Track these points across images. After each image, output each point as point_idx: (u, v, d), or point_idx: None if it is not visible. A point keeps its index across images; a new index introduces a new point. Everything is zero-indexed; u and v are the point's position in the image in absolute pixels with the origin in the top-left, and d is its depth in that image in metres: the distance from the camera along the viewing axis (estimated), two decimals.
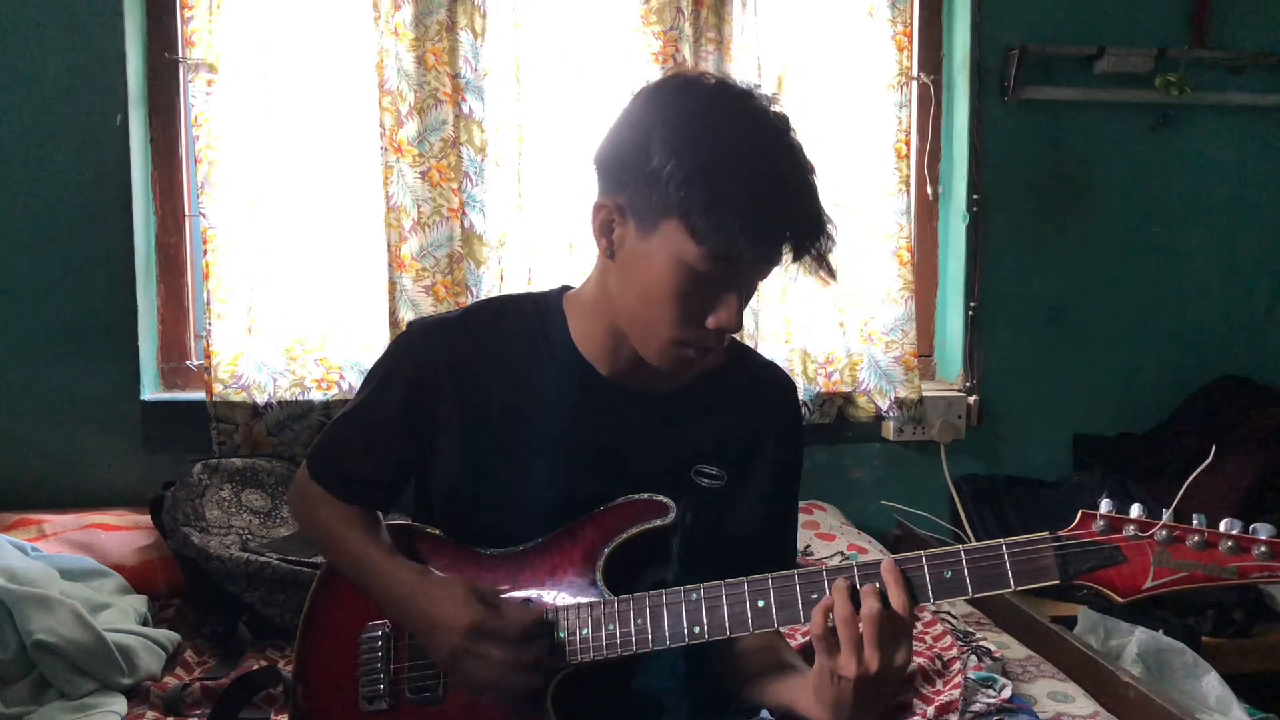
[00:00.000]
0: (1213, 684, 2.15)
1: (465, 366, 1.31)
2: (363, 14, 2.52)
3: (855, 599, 1.09)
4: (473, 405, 1.31)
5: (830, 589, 1.11)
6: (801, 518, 1.78)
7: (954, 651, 1.94)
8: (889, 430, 2.85)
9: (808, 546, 2.46)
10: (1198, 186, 2.99)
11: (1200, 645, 2.31)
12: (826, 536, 2.53)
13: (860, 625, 1.08)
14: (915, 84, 2.85)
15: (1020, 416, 2.95)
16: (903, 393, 2.78)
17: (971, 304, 2.87)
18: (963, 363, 2.90)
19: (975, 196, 2.84)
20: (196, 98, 2.46)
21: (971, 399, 2.88)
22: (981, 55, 2.82)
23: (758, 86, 1.20)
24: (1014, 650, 2.05)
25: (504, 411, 1.31)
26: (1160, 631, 2.23)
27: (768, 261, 1.17)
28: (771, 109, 1.18)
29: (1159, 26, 2.89)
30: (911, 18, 2.81)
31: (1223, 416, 2.85)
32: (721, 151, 1.12)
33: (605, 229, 1.22)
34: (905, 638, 1.10)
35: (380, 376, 1.36)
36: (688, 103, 1.16)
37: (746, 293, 1.20)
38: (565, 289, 1.39)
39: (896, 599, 1.09)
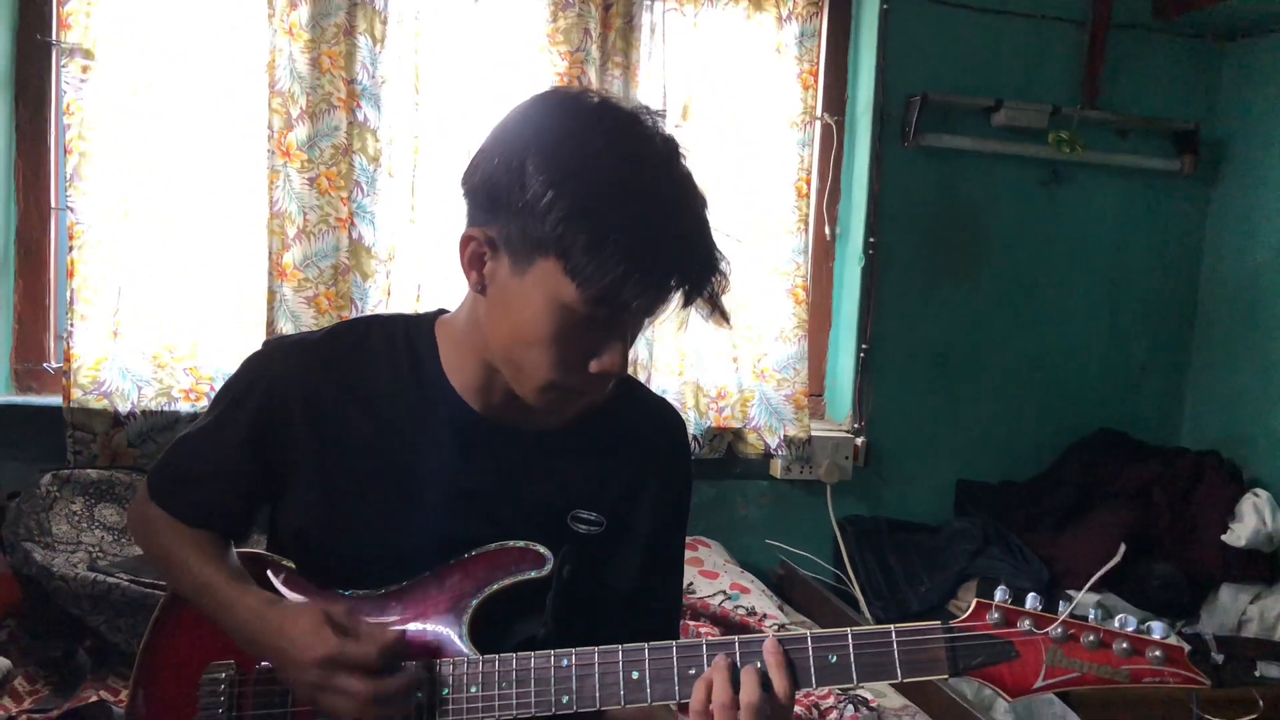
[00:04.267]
0: None
1: (323, 394, 1.19)
2: (256, 10, 2.42)
3: (735, 679, 1.04)
4: (329, 438, 1.20)
5: (709, 664, 1.06)
6: (686, 554, 1.73)
7: (831, 700, 1.92)
8: (777, 468, 2.83)
9: (690, 584, 2.42)
10: (1083, 243, 3.08)
11: (1068, 695, 2.33)
12: (710, 574, 2.50)
13: (739, 713, 1.03)
14: (818, 124, 2.86)
15: (906, 460, 2.98)
16: (792, 431, 2.78)
17: (863, 346, 2.89)
18: (852, 404, 2.91)
19: (872, 239, 2.86)
20: (69, 84, 2.31)
21: (859, 440, 2.89)
22: (884, 99, 2.85)
23: (646, 108, 1.08)
24: (890, 699, 2.04)
25: (364, 446, 1.20)
26: None
27: (655, 306, 1.06)
28: (660, 133, 1.06)
29: (1054, 85, 2.97)
30: (818, 58, 2.83)
31: (1098, 470, 2.92)
32: (604, 183, 1.00)
33: (475, 262, 1.10)
34: None
35: (229, 398, 1.24)
36: (567, 125, 1.04)
37: (632, 335, 1.10)
38: (441, 313, 1.27)
39: (778, 683, 1.04)
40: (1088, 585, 1.06)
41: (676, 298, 1.06)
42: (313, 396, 1.20)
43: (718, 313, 1.09)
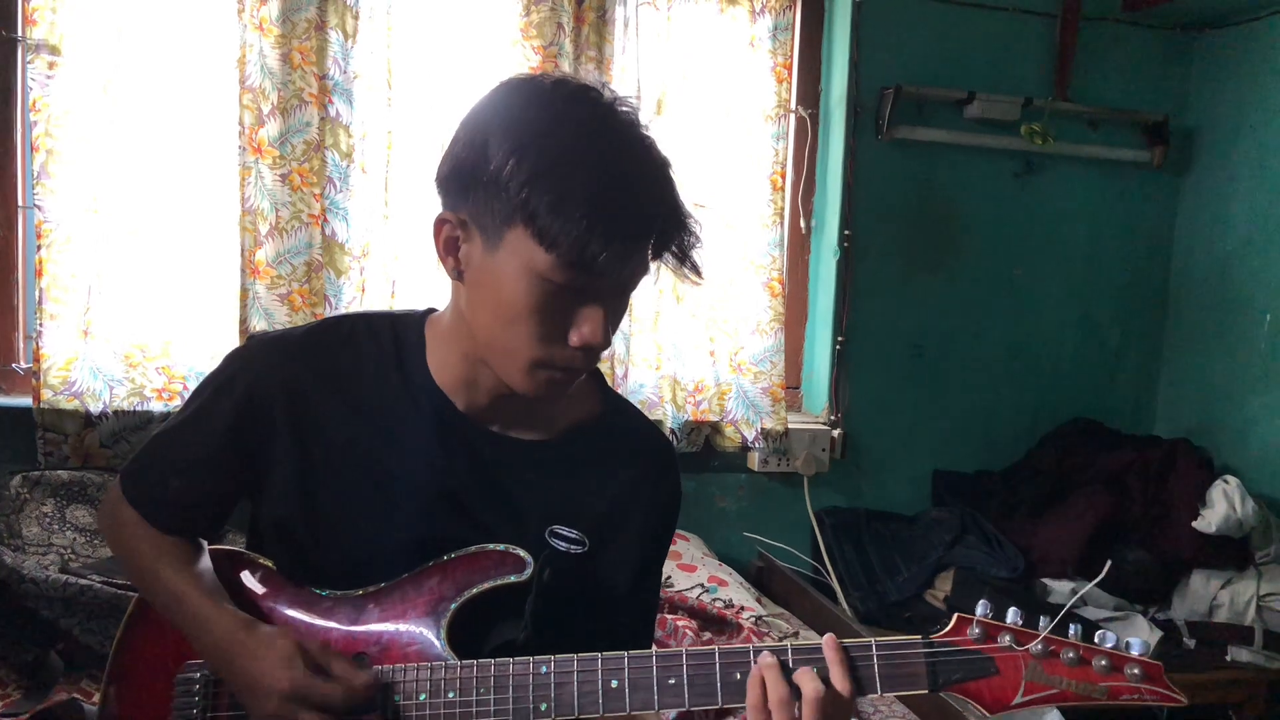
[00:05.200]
0: None
1: (305, 391, 1.18)
2: (225, 5, 2.39)
3: (787, 676, 1.03)
4: (310, 434, 1.18)
5: (686, 669, 1.06)
6: None
7: None
8: (754, 461, 2.84)
9: (668, 577, 2.42)
10: (1056, 234, 3.11)
11: None
12: (688, 568, 2.50)
13: (799, 708, 1.02)
14: (793, 117, 2.87)
15: (882, 451, 2.99)
16: (769, 424, 2.78)
17: (839, 338, 2.90)
18: (829, 396, 2.92)
19: (847, 232, 2.87)
20: (36, 81, 2.28)
21: (836, 432, 2.91)
22: (858, 92, 2.86)
23: (604, 84, 1.09)
24: None
25: (346, 442, 1.18)
26: None
27: (625, 262, 1.04)
28: (618, 102, 1.08)
29: (1026, 78, 2.99)
30: (792, 51, 2.83)
31: (1073, 458, 2.94)
32: (564, 146, 1.01)
33: (450, 247, 1.10)
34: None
35: (209, 393, 1.22)
36: (525, 101, 1.06)
37: (613, 305, 1.08)
38: (430, 311, 1.25)
39: (839, 680, 1.03)
40: (1066, 607, 1.06)
41: (648, 256, 1.06)
42: (295, 392, 1.18)
43: (688, 265, 1.08)
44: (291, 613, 1.20)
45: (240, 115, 2.39)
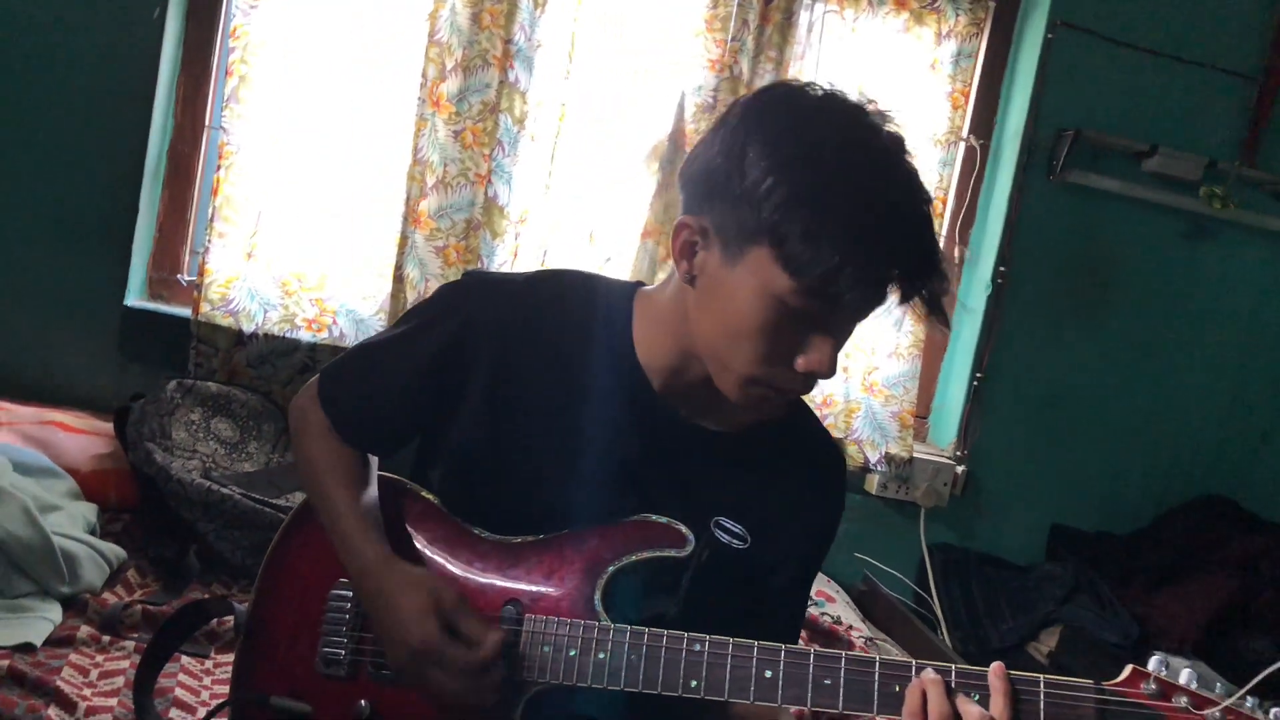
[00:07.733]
0: None
1: (513, 337, 1.20)
2: None
3: (949, 695, 1.01)
4: (507, 380, 1.20)
5: (844, 673, 1.04)
6: None
7: None
8: (873, 484, 2.80)
9: None
10: (1219, 303, 2.97)
11: None
12: None
13: None
14: (963, 145, 2.81)
15: (1004, 495, 2.92)
16: (894, 449, 2.74)
17: (977, 374, 2.83)
18: (958, 431, 2.86)
19: (1002, 268, 2.81)
20: (239, 9, 2.37)
21: (960, 468, 2.84)
22: (1034, 130, 2.79)
23: (871, 101, 1.06)
24: None
25: (539, 396, 1.20)
26: None
27: (870, 303, 1.03)
28: (885, 128, 1.04)
29: (1212, 137, 2.87)
30: (972, 79, 2.78)
31: (1204, 535, 2.82)
32: (825, 173, 0.98)
33: (686, 251, 1.09)
34: None
35: (421, 320, 1.25)
36: (790, 116, 1.03)
37: (842, 334, 1.07)
38: (639, 285, 1.25)
39: (1000, 709, 1.00)
40: (1253, 681, 1.01)
41: (892, 296, 1.04)
42: (502, 336, 1.20)
43: (936, 314, 1.06)
44: (448, 549, 1.22)
45: (424, 68, 2.45)
